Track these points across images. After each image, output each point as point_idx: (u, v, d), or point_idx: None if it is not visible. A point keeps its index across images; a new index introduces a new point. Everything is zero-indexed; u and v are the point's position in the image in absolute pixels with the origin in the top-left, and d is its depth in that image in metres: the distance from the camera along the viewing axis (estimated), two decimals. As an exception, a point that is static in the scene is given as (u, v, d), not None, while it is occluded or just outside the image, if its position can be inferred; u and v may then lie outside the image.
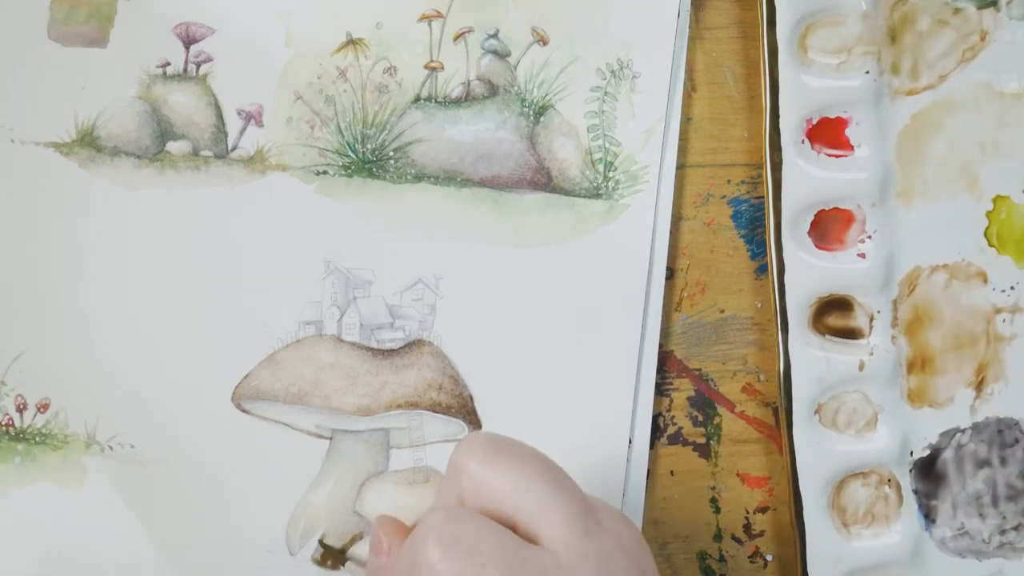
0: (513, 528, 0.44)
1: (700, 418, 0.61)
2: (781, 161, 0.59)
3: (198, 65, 0.60)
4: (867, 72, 0.59)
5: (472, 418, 0.59)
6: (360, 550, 0.58)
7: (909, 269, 0.60)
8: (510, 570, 0.42)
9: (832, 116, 0.59)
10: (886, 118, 0.59)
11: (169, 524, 0.59)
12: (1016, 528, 0.60)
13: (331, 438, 0.59)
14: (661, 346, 0.60)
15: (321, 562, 0.58)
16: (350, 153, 0.60)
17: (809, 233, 0.59)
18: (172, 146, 0.59)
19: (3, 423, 0.59)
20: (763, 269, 0.61)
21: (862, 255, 0.59)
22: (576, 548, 0.44)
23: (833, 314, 0.59)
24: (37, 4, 0.59)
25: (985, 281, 0.60)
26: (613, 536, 0.45)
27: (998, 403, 0.60)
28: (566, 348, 0.59)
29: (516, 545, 0.44)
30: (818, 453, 0.59)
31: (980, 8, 0.60)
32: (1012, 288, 0.60)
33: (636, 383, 0.59)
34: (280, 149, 0.60)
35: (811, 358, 0.59)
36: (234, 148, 0.59)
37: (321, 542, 0.58)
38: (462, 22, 0.60)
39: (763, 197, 0.60)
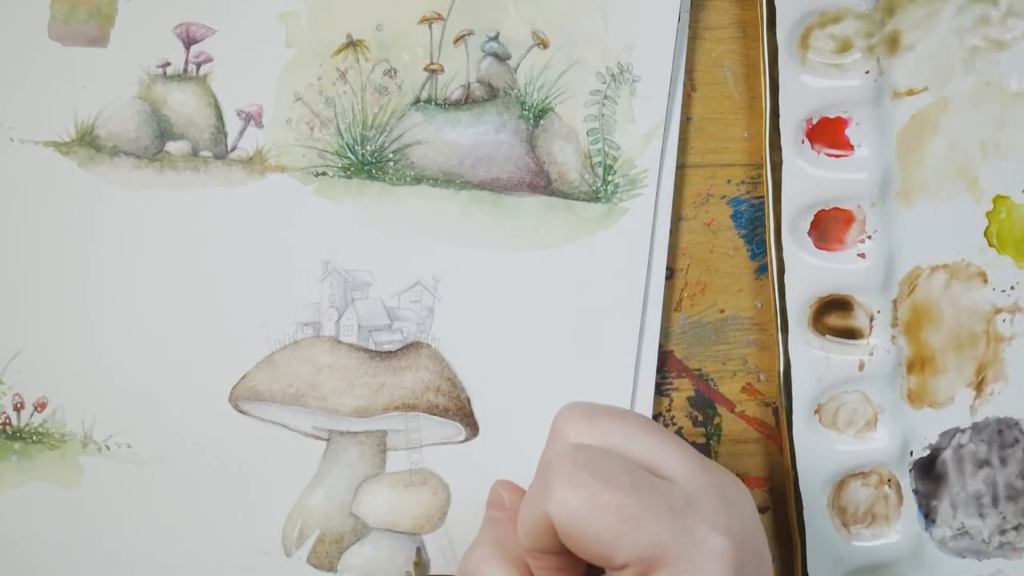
0: None
1: (700, 418, 0.61)
2: (781, 161, 0.59)
3: (198, 65, 0.60)
4: (867, 72, 0.59)
5: (470, 420, 0.59)
6: None
7: (909, 269, 0.60)
8: (638, 493, 0.44)
9: (832, 116, 0.59)
10: (886, 118, 0.60)
11: (165, 524, 0.58)
12: (1016, 528, 0.60)
13: (328, 439, 0.59)
14: (661, 346, 0.60)
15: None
16: (349, 155, 0.59)
17: (809, 233, 0.59)
18: (171, 146, 0.59)
19: (0, 422, 0.58)
20: (763, 269, 0.61)
21: (862, 255, 0.59)
22: (698, 478, 0.46)
23: (833, 314, 0.59)
24: (37, 3, 0.59)
25: (985, 281, 0.60)
26: (725, 471, 0.48)
27: (998, 403, 0.60)
28: (564, 352, 0.59)
29: (644, 473, 0.46)
30: (818, 453, 0.59)
31: (980, 8, 0.60)
32: (1012, 288, 0.60)
33: (635, 385, 0.59)
34: (279, 150, 0.59)
35: (811, 358, 0.59)
36: (233, 149, 0.59)
37: None
38: (462, 24, 0.60)
39: (763, 197, 0.60)
